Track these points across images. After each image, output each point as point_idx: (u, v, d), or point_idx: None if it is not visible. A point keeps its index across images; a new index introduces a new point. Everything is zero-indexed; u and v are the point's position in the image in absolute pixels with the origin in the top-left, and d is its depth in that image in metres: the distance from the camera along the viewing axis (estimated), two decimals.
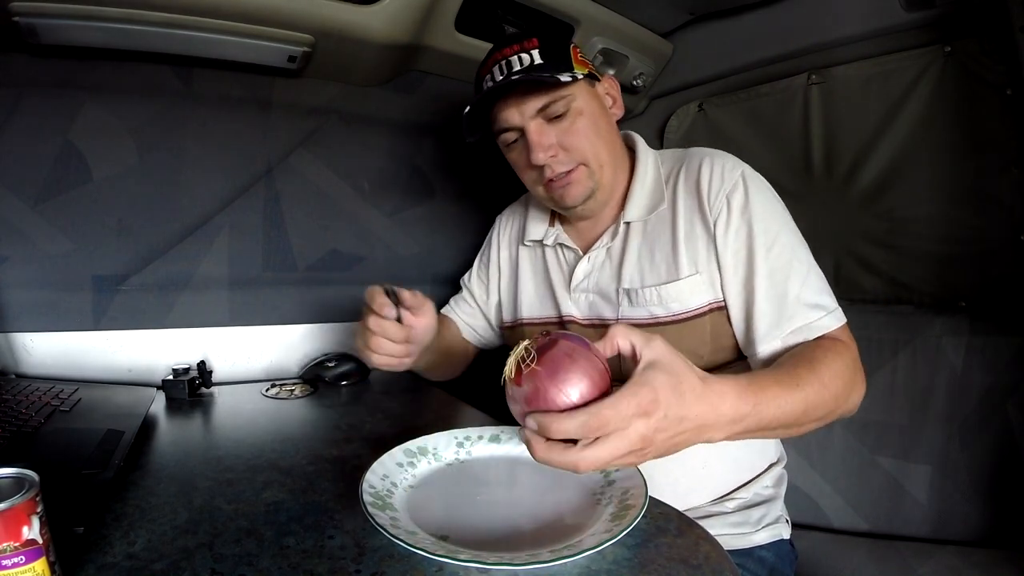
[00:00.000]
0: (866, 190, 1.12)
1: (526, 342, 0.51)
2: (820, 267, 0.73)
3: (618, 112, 0.84)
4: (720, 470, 0.78)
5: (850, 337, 0.70)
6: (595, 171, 0.79)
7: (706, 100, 1.38)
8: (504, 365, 0.51)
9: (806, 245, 0.74)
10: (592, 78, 0.79)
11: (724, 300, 0.75)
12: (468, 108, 0.79)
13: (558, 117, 0.76)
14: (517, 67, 0.74)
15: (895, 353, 1.03)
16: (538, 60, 0.74)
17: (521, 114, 0.76)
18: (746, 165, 0.77)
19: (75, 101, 0.97)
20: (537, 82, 0.73)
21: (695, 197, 0.77)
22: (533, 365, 0.48)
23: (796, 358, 0.65)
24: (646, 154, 0.85)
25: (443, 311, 1.07)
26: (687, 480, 0.76)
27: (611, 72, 1.31)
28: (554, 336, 0.51)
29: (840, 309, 0.71)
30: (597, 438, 0.45)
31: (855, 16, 1.06)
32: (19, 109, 0.93)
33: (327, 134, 1.20)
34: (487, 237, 1.07)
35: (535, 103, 0.75)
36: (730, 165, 0.76)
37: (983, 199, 0.99)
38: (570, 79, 0.72)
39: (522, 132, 0.77)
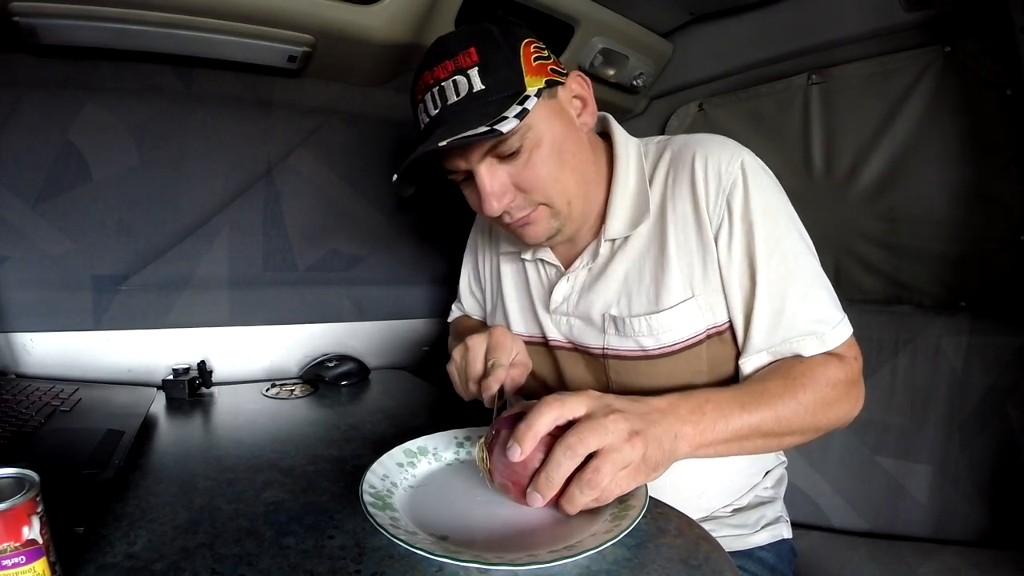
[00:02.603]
0: (866, 190, 1.12)
1: (480, 442, 0.54)
2: (821, 267, 0.70)
3: (589, 120, 0.70)
4: (716, 490, 0.76)
5: (855, 354, 0.65)
6: (560, 209, 0.67)
7: (706, 100, 1.37)
8: None
9: (811, 248, 0.67)
10: (553, 84, 0.64)
11: (729, 320, 0.68)
12: (395, 176, 0.65)
13: (512, 154, 0.63)
14: (453, 98, 0.60)
15: (895, 353, 1.03)
16: (478, 85, 0.60)
17: (467, 161, 0.64)
18: (745, 151, 0.67)
19: (75, 101, 0.97)
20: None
21: (690, 202, 0.67)
22: (491, 461, 0.52)
23: (772, 371, 0.64)
24: (626, 149, 0.72)
25: (459, 314, 1.03)
26: (684, 508, 0.74)
27: (611, 72, 1.31)
28: (497, 427, 0.53)
29: (846, 319, 0.65)
30: (593, 455, 0.47)
31: (855, 16, 1.06)
32: (19, 109, 0.93)
33: (327, 134, 1.21)
34: (468, 244, 0.98)
35: (480, 148, 0.62)
36: (727, 156, 0.66)
37: (983, 199, 0.99)
38: (517, 121, 0.58)
39: (470, 172, 0.65)
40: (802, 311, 0.63)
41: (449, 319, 1.05)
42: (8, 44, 0.87)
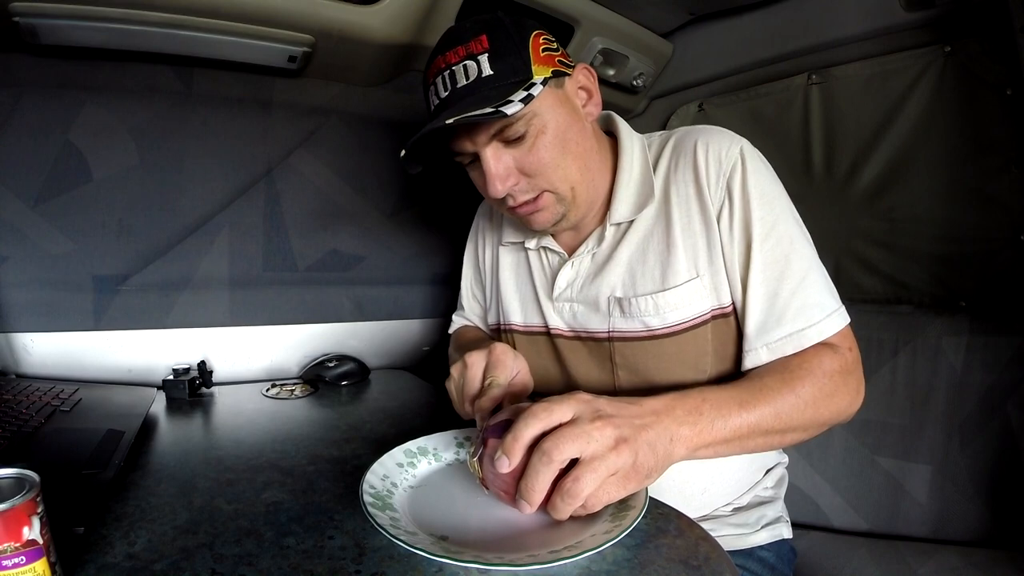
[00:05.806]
0: (866, 190, 1.12)
1: (470, 450, 0.54)
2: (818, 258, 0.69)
3: (594, 110, 0.72)
4: (719, 488, 0.76)
5: (850, 344, 0.64)
6: (564, 195, 0.69)
7: (706, 100, 1.38)
8: None
9: (807, 237, 0.67)
10: (559, 75, 0.67)
11: (732, 302, 0.68)
12: (403, 151, 0.67)
13: (518, 139, 0.65)
14: (463, 81, 0.63)
15: (895, 353, 1.03)
16: (487, 71, 0.62)
17: (473, 143, 0.65)
18: (744, 140, 0.69)
19: (75, 101, 0.97)
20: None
21: (693, 186, 0.69)
22: (482, 471, 0.52)
23: (769, 367, 0.63)
24: (631, 142, 0.75)
25: (460, 325, 1.01)
26: (687, 504, 0.73)
27: (611, 72, 1.31)
28: (485, 436, 0.52)
29: (843, 309, 0.65)
30: (576, 462, 0.46)
31: (855, 16, 1.06)
32: (19, 109, 0.93)
33: (327, 134, 1.20)
34: (470, 237, 0.98)
35: (487, 131, 0.64)
36: (727, 143, 0.68)
37: (983, 199, 0.99)
38: (522, 105, 0.60)
39: (477, 155, 0.67)
40: (799, 295, 0.63)
41: (450, 330, 1.02)
42: (8, 44, 0.87)
